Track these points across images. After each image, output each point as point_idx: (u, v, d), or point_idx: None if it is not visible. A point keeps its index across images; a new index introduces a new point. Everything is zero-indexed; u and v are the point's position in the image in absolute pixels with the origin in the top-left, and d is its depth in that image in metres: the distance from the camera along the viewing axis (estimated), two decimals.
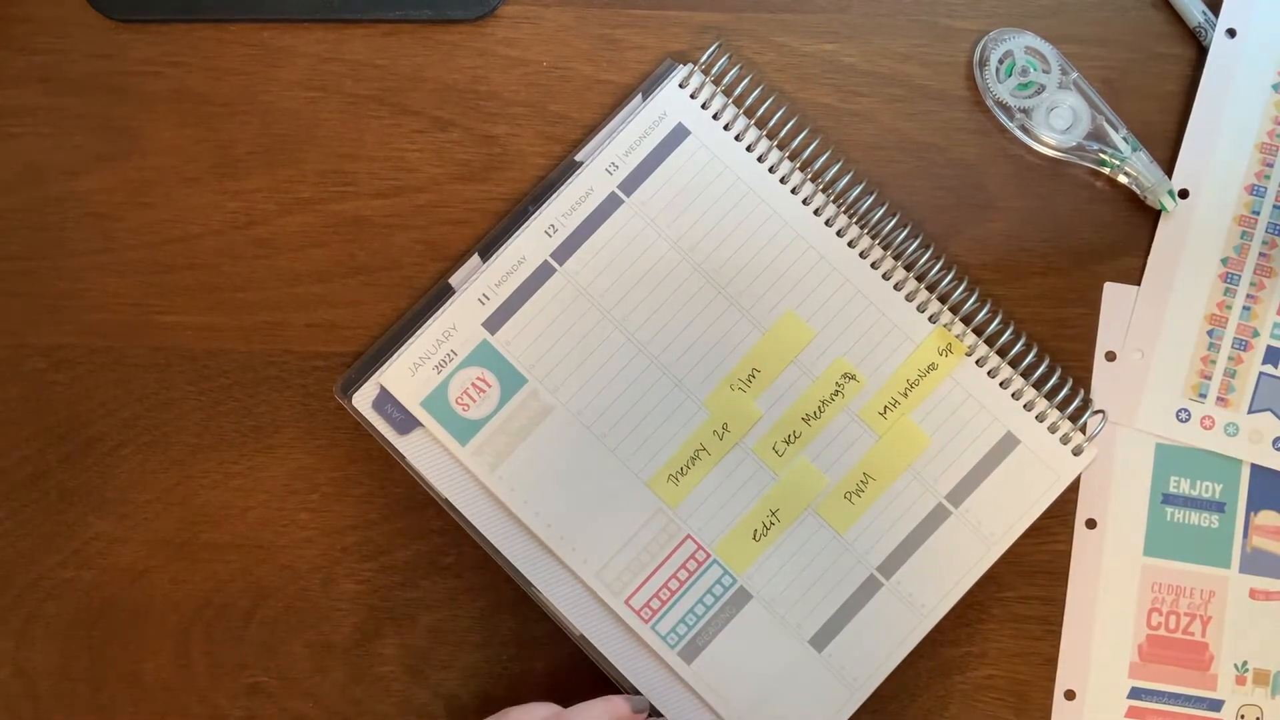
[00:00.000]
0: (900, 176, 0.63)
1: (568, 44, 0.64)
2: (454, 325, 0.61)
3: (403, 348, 0.61)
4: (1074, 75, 0.62)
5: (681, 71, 0.62)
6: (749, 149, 0.62)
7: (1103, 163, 0.62)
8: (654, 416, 0.61)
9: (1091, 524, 0.62)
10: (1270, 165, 0.62)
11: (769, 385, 0.61)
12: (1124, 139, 0.62)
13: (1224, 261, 0.62)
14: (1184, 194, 0.62)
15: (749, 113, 0.62)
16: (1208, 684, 0.62)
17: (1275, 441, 0.62)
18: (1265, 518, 0.62)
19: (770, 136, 0.62)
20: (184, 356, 0.64)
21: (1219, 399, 0.62)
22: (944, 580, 0.60)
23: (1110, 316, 0.63)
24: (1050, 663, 0.62)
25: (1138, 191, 0.62)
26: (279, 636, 0.64)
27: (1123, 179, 0.62)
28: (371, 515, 0.64)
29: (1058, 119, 0.62)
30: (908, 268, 0.62)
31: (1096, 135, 0.62)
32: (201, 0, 0.64)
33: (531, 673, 0.63)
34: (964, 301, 0.61)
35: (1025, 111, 0.62)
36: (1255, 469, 0.62)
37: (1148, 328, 0.62)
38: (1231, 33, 0.62)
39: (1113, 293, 0.63)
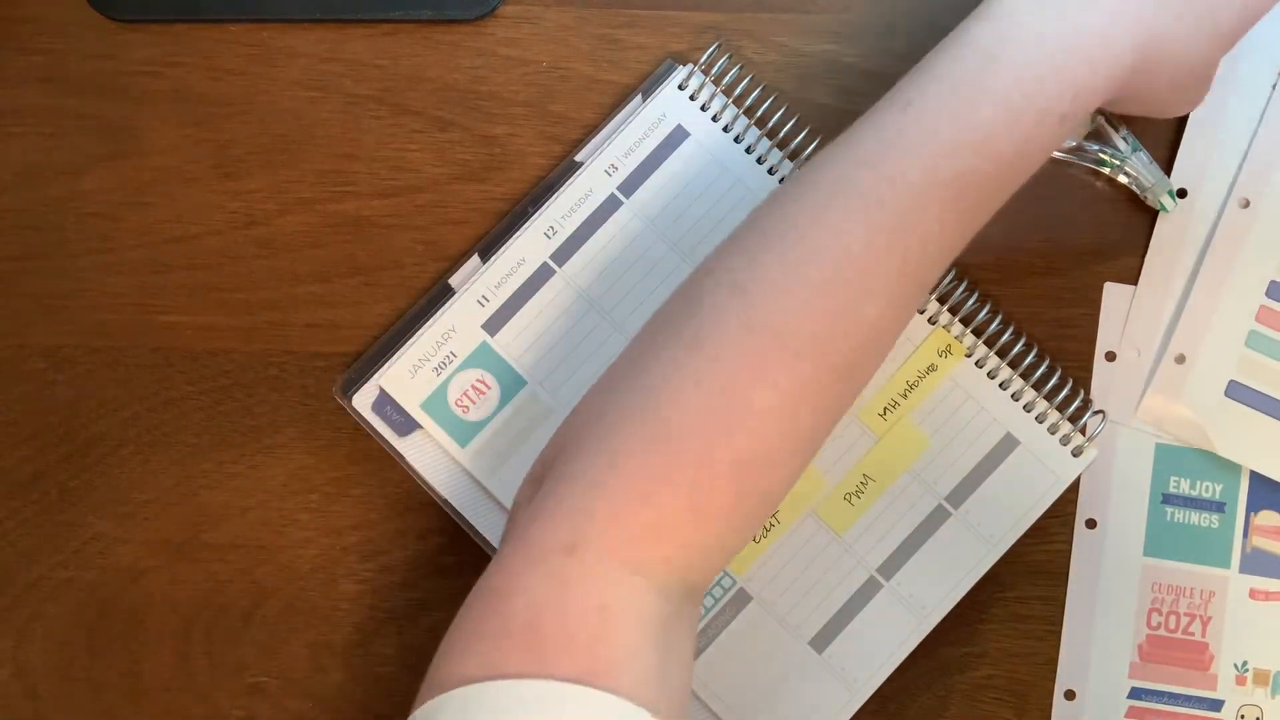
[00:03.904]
0: None
1: (568, 44, 0.64)
2: (453, 327, 0.61)
3: (402, 349, 0.61)
4: None
5: (681, 73, 0.62)
6: (749, 150, 0.62)
7: (1102, 163, 0.62)
8: None
9: (1091, 524, 0.62)
10: None
11: None
12: (1124, 139, 0.62)
13: None
14: (1182, 193, 0.62)
15: (749, 113, 0.62)
16: (1208, 684, 0.62)
17: None
18: (1265, 518, 0.62)
19: (770, 137, 0.62)
20: (184, 356, 0.64)
21: None
22: (944, 581, 0.60)
23: (1110, 316, 0.62)
24: (1050, 663, 0.62)
25: (1137, 191, 0.62)
26: (279, 636, 0.64)
27: (1122, 179, 0.62)
28: (371, 515, 0.64)
29: None
30: None
31: (1096, 135, 0.62)
32: (201, 0, 0.64)
33: None
34: (963, 302, 0.61)
35: None
36: None
37: (1145, 327, 0.62)
38: None
39: (1113, 293, 0.63)
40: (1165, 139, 0.63)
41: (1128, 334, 0.62)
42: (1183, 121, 0.62)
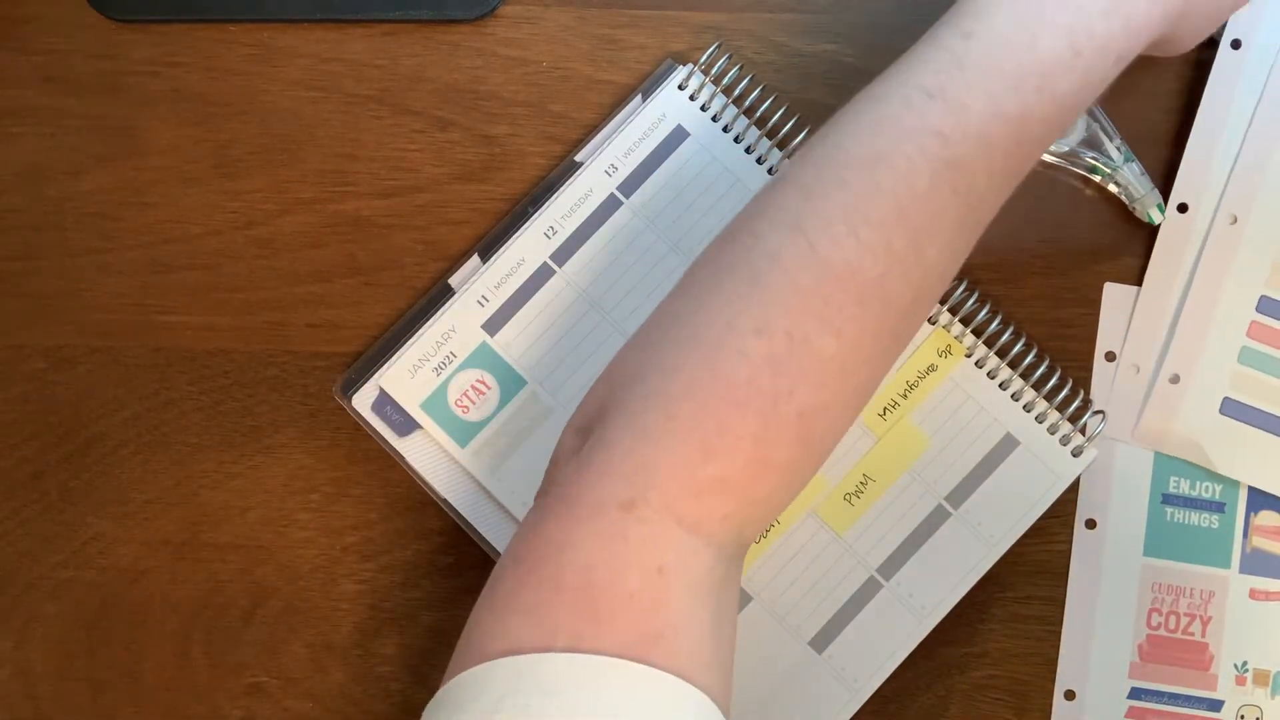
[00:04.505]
0: None
1: (568, 44, 0.64)
2: (453, 327, 0.61)
3: (402, 349, 0.61)
4: None
5: (681, 73, 0.62)
6: (748, 150, 0.62)
7: (1094, 170, 0.62)
8: None
9: (1091, 524, 0.62)
10: None
11: None
12: (1117, 148, 0.61)
13: None
14: (1183, 208, 0.61)
15: (749, 113, 0.62)
16: (1208, 684, 0.62)
17: None
18: (1265, 518, 0.62)
19: (770, 137, 0.62)
20: (184, 356, 0.64)
21: None
22: (944, 582, 0.60)
23: (1110, 317, 0.62)
24: (1050, 663, 0.62)
25: (1126, 201, 0.61)
26: (279, 636, 0.64)
27: (1112, 188, 0.62)
28: (371, 515, 0.64)
29: None
30: None
31: (1091, 143, 0.62)
32: (201, 0, 0.64)
33: None
34: (963, 302, 0.61)
35: None
36: None
37: (1144, 344, 0.62)
38: (1236, 44, 0.62)
39: (1113, 293, 0.63)
40: (1164, 140, 0.62)
41: (1127, 349, 0.62)
42: (1182, 123, 0.62)
